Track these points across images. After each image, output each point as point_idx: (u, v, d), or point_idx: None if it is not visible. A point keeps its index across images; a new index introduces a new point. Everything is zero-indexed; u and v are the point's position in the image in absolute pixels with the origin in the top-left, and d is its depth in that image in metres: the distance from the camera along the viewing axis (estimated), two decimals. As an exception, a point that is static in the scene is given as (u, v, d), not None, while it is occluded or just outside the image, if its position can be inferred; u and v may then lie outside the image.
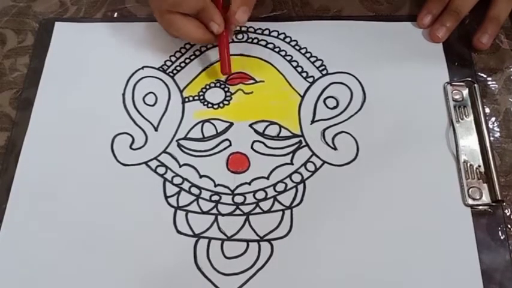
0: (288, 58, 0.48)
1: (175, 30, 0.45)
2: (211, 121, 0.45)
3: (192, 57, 0.48)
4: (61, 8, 0.52)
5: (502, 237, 0.39)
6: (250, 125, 0.44)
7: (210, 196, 0.42)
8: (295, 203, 0.41)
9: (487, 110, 0.45)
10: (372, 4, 0.51)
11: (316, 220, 0.40)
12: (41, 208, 0.41)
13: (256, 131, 0.44)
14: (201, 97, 0.46)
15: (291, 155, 0.43)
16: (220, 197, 0.42)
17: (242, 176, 0.42)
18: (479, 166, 0.42)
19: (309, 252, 0.39)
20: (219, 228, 0.40)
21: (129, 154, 0.43)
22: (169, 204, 0.41)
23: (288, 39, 0.49)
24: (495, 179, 0.41)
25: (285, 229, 0.40)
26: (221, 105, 0.46)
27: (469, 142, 0.43)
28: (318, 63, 0.47)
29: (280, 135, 0.44)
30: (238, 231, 0.40)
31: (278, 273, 0.39)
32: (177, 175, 0.42)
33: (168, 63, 0.48)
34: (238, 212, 0.41)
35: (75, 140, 0.44)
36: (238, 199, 0.41)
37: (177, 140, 0.44)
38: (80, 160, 0.43)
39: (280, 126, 0.44)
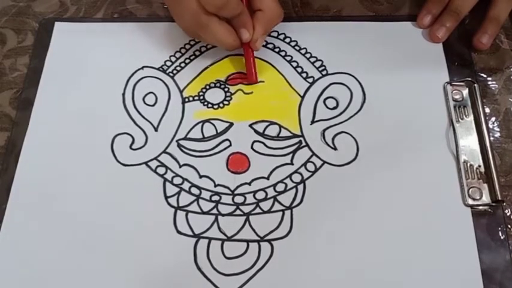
0: (288, 58, 0.48)
1: (209, 33, 0.43)
2: (211, 121, 0.45)
3: (192, 57, 0.48)
4: (61, 8, 0.52)
5: (502, 237, 0.39)
6: (250, 125, 0.44)
7: (210, 196, 0.42)
8: (295, 203, 0.41)
9: (487, 110, 0.45)
10: (371, 4, 0.51)
11: (316, 220, 0.40)
12: (41, 208, 0.41)
13: (256, 131, 0.44)
14: (201, 97, 0.46)
15: (291, 155, 0.43)
16: (221, 197, 0.42)
17: (242, 176, 0.42)
18: (479, 166, 0.42)
19: (309, 252, 0.39)
20: (219, 229, 0.40)
21: (129, 154, 0.43)
22: (169, 204, 0.41)
23: (287, 40, 0.49)
24: (495, 179, 0.41)
25: (285, 229, 0.40)
26: (221, 105, 0.46)
27: (469, 142, 0.43)
28: (317, 64, 0.47)
29: (280, 135, 0.44)
30: (238, 232, 0.40)
31: (278, 273, 0.39)
32: (177, 175, 0.42)
33: (168, 63, 0.48)
34: (238, 212, 0.41)
35: (75, 140, 0.44)
36: (239, 199, 0.41)
37: (177, 140, 0.44)
38: (80, 160, 0.43)
39: (280, 127, 0.44)
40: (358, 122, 0.44)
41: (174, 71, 0.48)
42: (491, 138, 0.43)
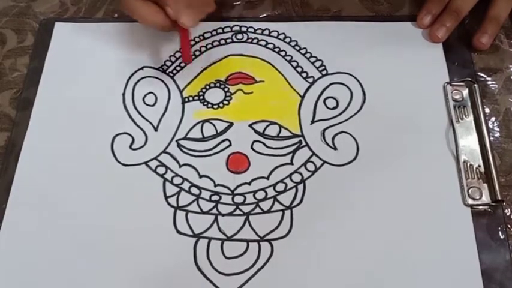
0: (288, 58, 0.48)
1: (138, 15, 0.43)
2: (211, 121, 0.45)
3: (191, 57, 0.48)
4: (61, 8, 0.52)
5: (502, 237, 0.39)
6: (250, 125, 0.44)
7: (210, 196, 0.42)
8: (295, 203, 0.41)
9: (487, 110, 0.45)
10: (371, 4, 0.51)
11: (316, 220, 0.40)
12: (40, 208, 0.41)
13: (256, 131, 0.44)
14: (201, 97, 0.46)
15: (291, 155, 0.43)
16: (220, 197, 0.42)
17: (242, 176, 0.42)
18: (479, 166, 0.42)
19: (309, 252, 0.39)
20: (219, 228, 0.40)
21: (129, 154, 0.43)
22: (169, 204, 0.41)
23: (288, 39, 0.49)
24: (495, 179, 0.41)
25: (285, 229, 0.40)
26: (221, 105, 0.46)
27: (469, 142, 0.43)
28: (317, 64, 0.47)
29: (280, 135, 0.44)
30: (238, 231, 0.40)
31: (278, 273, 0.39)
32: (177, 175, 0.42)
33: (168, 63, 0.48)
34: (238, 212, 0.41)
35: (75, 140, 0.44)
36: (238, 199, 0.41)
37: (177, 140, 0.44)
38: (80, 160, 0.43)
39: (280, 126, 0.44)
40: (358, 122, 0.44)
41: (174, 71, 0.48)
42: (491, 138, 0.43)
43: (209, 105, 0.46)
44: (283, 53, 0.48)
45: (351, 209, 0.41)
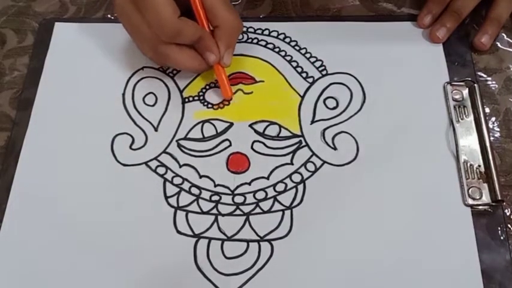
0: (288, 58, 0.48)
1: (171, 61, 0.43)
2: (211, 121, 0.45)
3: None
4: (61, 8, 0.52)
5: (502, 237, 0.39)
6: (250, 125, 0.44)
7: (210, 196, 0.42)
8: (295, 203, 0.41)
9: (487, 110, 0.45)
10: (372, 4, 0.51)
11: (316, 220, 0.40)
12: (40, 208, 0.41)
13: (256, 131, 0.44)
14: (201, 97, 0.46)
15: (291, 155, 0.43)
16: (220, 197, 0.42)
17: (242, 176, 0.42)
18: (479, 166, 0.42)
19: (309, 252, 0.39)
20: (219, 228, 0.40)
21: (129, 154, 0.43)
22: (169, 204, 0.41)
23: (287, 39, 0.49)
24: (495, 178, 0.41)
25: (285, 229, 0.40)
26: (221, 105, 0.46)
27: (469, 142, 0.43)
28: (317, 64, 0.47)
29: (280, 135, 0.44)
30: (238, 231, 0.40)
31: (278, 273, 0.39)
32: (177, 175, 0.42)
33: (168, 63, 0.48)
34: (238, 212, 0.41)
35: (75, 140, 0.44)
36: (238, 199, 0.41)
37: (177, 140, 0.44)
38: (80, 160, 0.43)
39: (280, 126, 0.44)
40: (358, 122, 0.44)
41: (174, 71, 0.47)
42: (491, 138, 0.43)
43: (209, 106, 0.46)
44: (283, 53, 0.48)
45: (351, 209, 0.41)
